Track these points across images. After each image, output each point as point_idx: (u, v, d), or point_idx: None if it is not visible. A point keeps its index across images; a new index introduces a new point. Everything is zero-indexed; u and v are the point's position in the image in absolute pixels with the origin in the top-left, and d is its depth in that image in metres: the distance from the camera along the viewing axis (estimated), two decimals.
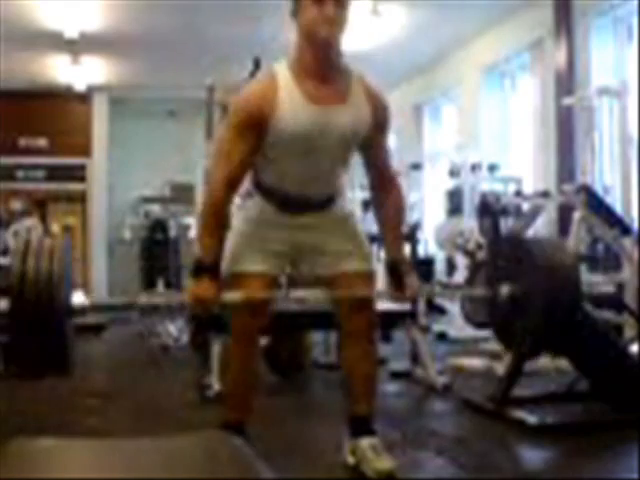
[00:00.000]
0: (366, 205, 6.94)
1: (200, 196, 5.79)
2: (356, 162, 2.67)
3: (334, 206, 2.61)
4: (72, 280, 2.39)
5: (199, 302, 2.41)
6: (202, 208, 2.51)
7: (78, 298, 2.38)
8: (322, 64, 2.41)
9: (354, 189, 7.13)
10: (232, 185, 2.43)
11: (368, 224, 6.27)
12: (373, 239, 4.39)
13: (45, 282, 2.23)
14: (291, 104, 2.36)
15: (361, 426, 2.60)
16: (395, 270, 2.61)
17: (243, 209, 2.68)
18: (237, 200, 2.80)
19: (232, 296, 2.46)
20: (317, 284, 2.75)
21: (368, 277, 2.61)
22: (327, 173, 2.56)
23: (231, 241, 2.55)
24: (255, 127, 2.37)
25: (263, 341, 4.45)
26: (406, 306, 4.01)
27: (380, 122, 2.51)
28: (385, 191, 2.61)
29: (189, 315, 2.47)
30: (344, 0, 2.36)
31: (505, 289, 2.71)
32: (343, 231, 2.61)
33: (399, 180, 2.72)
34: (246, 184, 2.63)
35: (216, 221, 2.43)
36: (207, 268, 2.39)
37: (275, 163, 2.49)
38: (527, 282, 2.68)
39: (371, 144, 2.54)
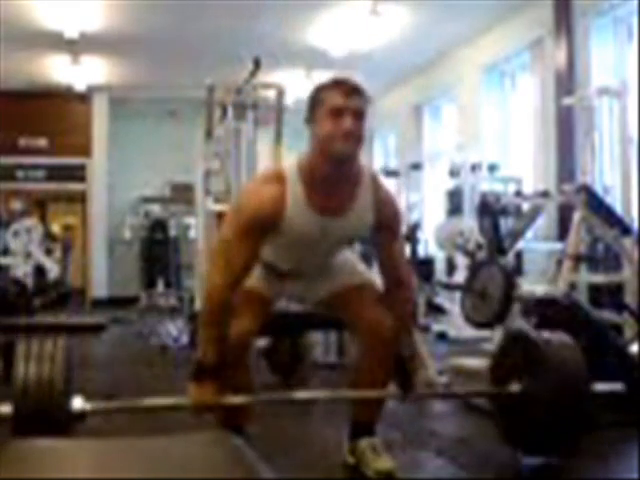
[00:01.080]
0: None
1: (200, 196, 5.79)
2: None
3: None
4: (73, 382, 2.43)
5: (201, 408, 2.39)
6: (203, 313, 2.42)
7: (78, 403, 2.38)
8: (334, 176, 2.35)
9: None
10: (233, 289, 2.36)
11: None
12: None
13: (47, 388, 2.26)
14: (297, 212, 2.33)
15: (363, 429, 2.60)
16: (401, 367, 2.57)
17: None
18: None
19: (234, 399, 2.44)
20: (321, 304, 2.72)
21: (371, 286, 2.61)
22: (323, 260, 2.59)
23: None
24: (261, 230, 2.34)
25: (263, 341, 4.46)
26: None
27: (386, 225, 2.46)
28: (393, 292, 2.55)
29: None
30: (362, 113, 2.30)
31: (514, 387, 2.69)
32: (337, 264, 2.63)
33: (411, 282, 2.66)
34: None
35: (219, 323, 2.36)
36: (209, 371, 2.35)
37: (272, 247, 2.48)
38: (536, 381, 2.65)
39: (380, 243, 2.52)
